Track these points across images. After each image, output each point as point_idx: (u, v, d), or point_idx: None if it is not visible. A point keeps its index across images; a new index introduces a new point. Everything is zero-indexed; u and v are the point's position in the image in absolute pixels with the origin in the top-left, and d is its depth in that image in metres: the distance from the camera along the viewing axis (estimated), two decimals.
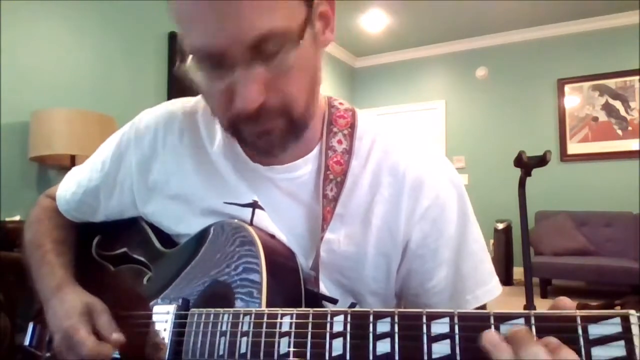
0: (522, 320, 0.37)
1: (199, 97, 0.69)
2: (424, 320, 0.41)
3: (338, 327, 0.45)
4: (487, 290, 0.63)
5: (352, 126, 0.65)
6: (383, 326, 0.42)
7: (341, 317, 0.45)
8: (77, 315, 0.63)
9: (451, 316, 0.40)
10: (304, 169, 0.63)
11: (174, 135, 0.68)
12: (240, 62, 0.48)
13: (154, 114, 0.71)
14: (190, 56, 0.51)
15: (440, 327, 0.40)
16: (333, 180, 0.61)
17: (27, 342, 0.77)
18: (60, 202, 0.79)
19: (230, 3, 0.46)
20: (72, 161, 2.43)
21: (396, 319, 0.42)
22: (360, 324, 0.44)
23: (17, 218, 2.39)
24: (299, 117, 0.55)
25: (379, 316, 0.43)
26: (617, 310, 0.34)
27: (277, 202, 0.63)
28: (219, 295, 0.57)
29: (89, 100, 2.88)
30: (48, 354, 0.70)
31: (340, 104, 0.68)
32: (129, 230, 0.76)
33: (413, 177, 0.61)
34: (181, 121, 0.69)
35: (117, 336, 0.61)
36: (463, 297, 0.62)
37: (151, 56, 3.36)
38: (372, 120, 0.67)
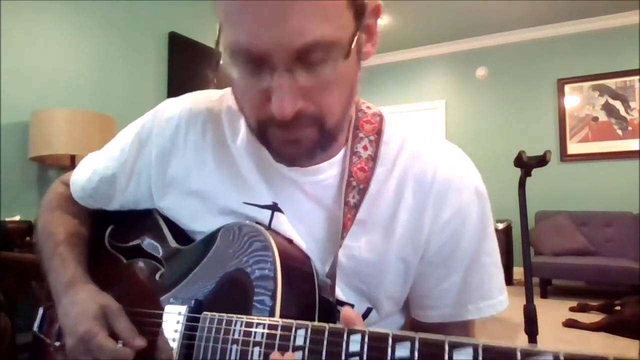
0: (550, 357, 0.34)
1: (224, 91, 0.67)
2: (446, 348, 0.39)
3: (354, 347, 0.43)
4: (490, 304, 0.63)
5: (379, 132, 0.63)
6: (402, 351, 0.40)
7: (358, 337, 0.43)
8: (92, 318, 0.61)
9: (475, 347, 0.37)
10: (328, 172, 0.61)
11: (196, 130, 0.66)
12: (283, 67, 0.47)
13: (178, 106, 0.68)
14: (229, 51, 0.48)
15: (463, 357, 0.38)
16: (356, 187, 0.59)
17: (36, 327, 0.76)
18: (74, 188, 0.77)
19: (283, 4, 0.44)
20: (72, 161, 2.43)
21: (416, 345, 0.40)
22: (377, 346, 0.42)
23: (17, 218, 2.40)
24: (331, 128, 0.53)
25: (398, 339, 0.41)
26: None
27: (299, 205, 0.62)
28: (230, 299, 0.56)
29: (89, 100, 2.88)
30: (58, 343, 0.69)
31: (368, 107, 0.66)
32: (143, 222, 0.74)
33: (439, 186, 0.60)
34: (205, 115, 0.66)
35: (140, 341, 0.60)
36: (465, 306, 0.62)
37: (151, 56, 3.36)
38: (399, 124, 0.65)
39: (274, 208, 0.62)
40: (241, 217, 0.62)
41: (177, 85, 3.43)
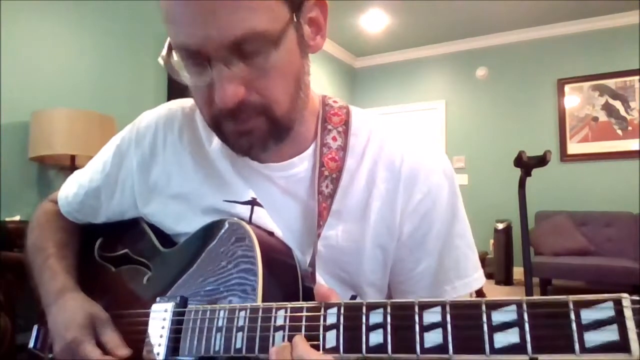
0: (514, 307, 0.37)
1: None
2: (416, 310, 0.41)
3: (332, 320, 0.45)
4: (466, 282, 0.64)
5: (347, 123, 0.65)
6: (376, 317, 0.43)
7: (335, 310, 0.45)
8: (79, 326, 0.63)
9: (443, 305, 0.40)
10: (299, 166, 0.63)
11: (173, 135, 0.69)
12: (219, 60, 0.49)
13: (154, 114, 0.72)
14: (173, 50, 0.52)
15: (432, 316, 0.40)
16: (328, 176, 0.62)
17: (31, 344, 0.77)
18: (61, 203, 0.79)
19: (208, 3, 0.47)
20: (72, 161, 2.43)
21: (389, 310, 0.42)
22: (353, 315, 0.44)
23: (17, 218, 2.40)
24: (281, 118, 0.55)
25: (371, 307, 0.43)
26: (610, 294, 0.34)
27: (275, 200, 0.64)
28: (216, 294, 0.57)
29: (89, 100, 2.88)
30: (51, 355, 0.70)
31: (335, 102, 0.68)
32: (130, 231, 0.76)
33: (408, 171, 0.62)
34: (180, 120, 0.69)
35: (124, 351, 0.61)
36: (442, 287, 0.64)
37: (151, 56, 3.36)
38: (366, 116, 0.68)
39: (253, 203, 0.64)
40: (223, 214, 0.64)
41: (177, 85, 3.39)
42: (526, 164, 1.82)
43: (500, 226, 4.56)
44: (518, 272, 4.42)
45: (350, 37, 5.23)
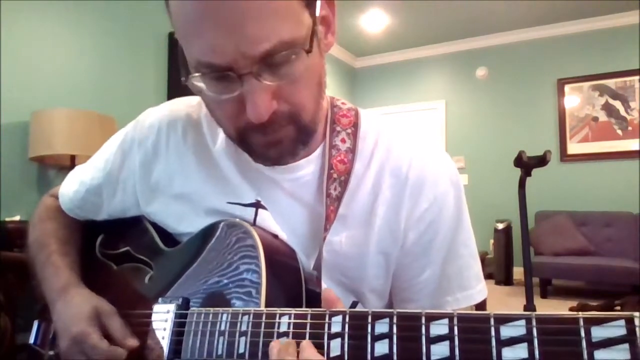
0: (522, 322, 0.36)
1: None
2: (423, 321, 0.40)
3: (336, 328, 0.44)
4: (468, 294, 0.64)
5: (356, 125, 0.64)
6: (381, 327, 0.42)
7: (339, 318, 0.45)
8: (85, 319, 0.63)
9: (450, 317, 0.39)
10: (306, 169, 0.62)
11: (177, 135, 0.68)
12: (250, 74, 0.47)
13: (157, 113, 0.70)
14: (194, 67, 0.49)
15: (439, 328, 0.39)
16: (337, 179, 0.61)
17: (32, 340, 0.77)
18: (63, 200, 0.79)
19: (237, 13, 0.45)
20: (72, 161, 2.43)
21: (395, 320, 0.42)
22: (358, 324, 0.43)
23: (17, 218, 2.40)
24: (308, 123, 0.55)
25: (377, 317, 0.43)
26: (621, 312, 0.33)
27: (280, 202, 0.63)
28: (218, 295, 0.57)
29: (89, 100, 2.88)
30: (51, 352, 0.70)
31: (343, 103, 0.67)
32: (132, 229, 0.76)
33: (414, 178, 0.61)
34: (184, 120, 0.68)
35: (132, 341, 0.61)
36: (444, 297, 0.63)
37: (151, 56, 3.36)
38: (374, 119, 0.67)
39: (258, 205, 0.63)
40: (226, 216, 0.63)
41: (177, 85, 3.41)
42: (526, 164, 1.82)
43: (500, 226, 4.56)
44: (518, 272, 4.42)
45: (350, 37, 5.23)
